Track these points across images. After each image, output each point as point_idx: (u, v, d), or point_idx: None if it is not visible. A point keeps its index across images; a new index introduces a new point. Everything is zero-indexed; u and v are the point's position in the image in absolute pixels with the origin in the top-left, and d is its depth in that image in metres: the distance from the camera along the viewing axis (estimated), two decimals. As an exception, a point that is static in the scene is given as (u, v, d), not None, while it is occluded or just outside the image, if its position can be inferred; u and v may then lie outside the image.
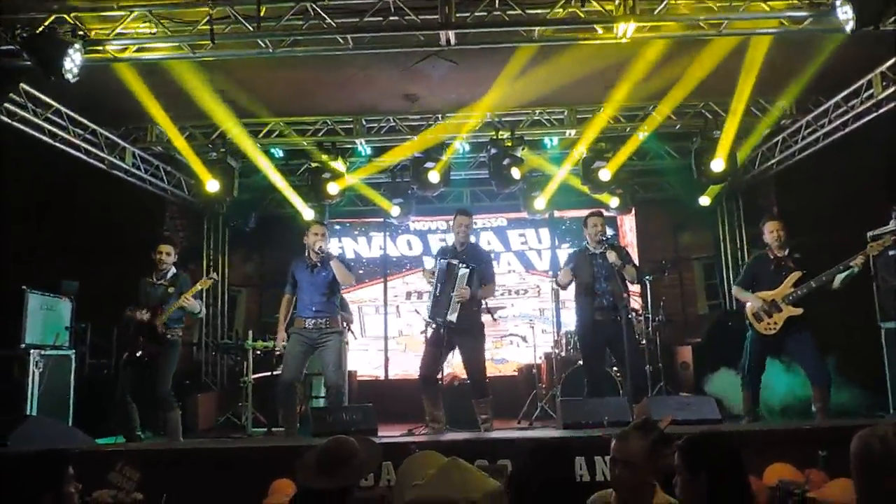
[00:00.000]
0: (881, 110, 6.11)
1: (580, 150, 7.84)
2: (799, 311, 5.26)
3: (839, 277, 5.16)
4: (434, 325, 5.52)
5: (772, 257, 5.50)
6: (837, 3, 4.65)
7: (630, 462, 2.54)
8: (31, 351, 5.84)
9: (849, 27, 4.62)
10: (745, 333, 5.58)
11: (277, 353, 5.75)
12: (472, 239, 5.95)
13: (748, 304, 5.46)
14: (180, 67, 5.94)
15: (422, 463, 2.03)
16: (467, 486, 1.69)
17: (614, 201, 8.49)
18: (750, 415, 5.39)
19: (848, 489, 3.36)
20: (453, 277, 5.43)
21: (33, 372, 5.81)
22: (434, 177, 7.65)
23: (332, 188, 7.82)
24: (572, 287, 5.90)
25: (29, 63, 5.00)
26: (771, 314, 5.33)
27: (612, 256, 5.54)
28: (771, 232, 5.50)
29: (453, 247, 5.72)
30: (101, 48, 5.20)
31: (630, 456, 2.54)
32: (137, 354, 5.61)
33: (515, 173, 7.64)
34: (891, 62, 5.84)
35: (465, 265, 5.45)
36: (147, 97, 6.36)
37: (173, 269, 5.88)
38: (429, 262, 5.73)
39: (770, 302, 5.33)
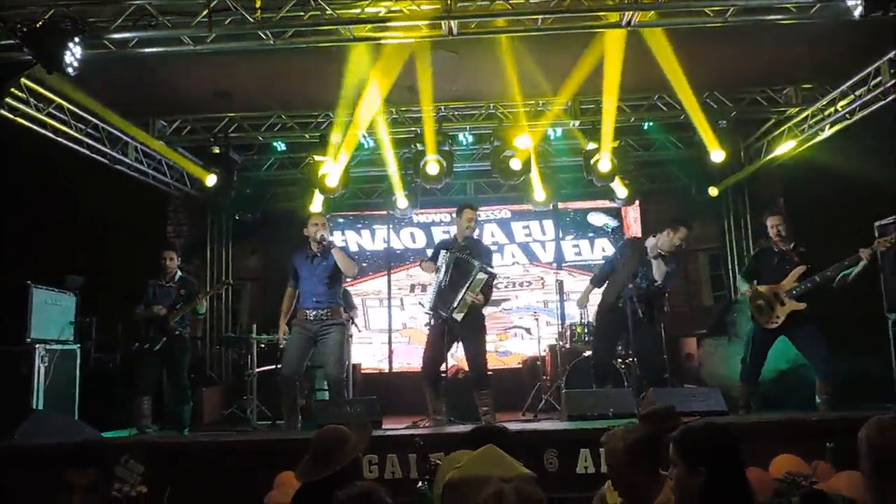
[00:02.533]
0: (889, 98, 6.03)
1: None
2: (802, 305, 5.22)
3: (846, 273, 5.11)
4: (436, 317, 5.49)
5: (776, 251, 5.47)
6: (846, -12, 4.60)
7: (609, 465, 2.65)
8: (37, 346, 5.85)
9: (857, 13, 4.56)
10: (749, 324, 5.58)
11: (281, 346, 5.77)
12: (476, 232, 5.94)
13: (750, 298, 5.44)
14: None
15: (460, 455, 2.12)
16: (502, 466, 1.73)
17: (622, 191, 8.37)
18: (746, 407, 5.37)
19: (855, 481, 3.35)
20: (468, 276, 5.38)
21: (39, 366, 5.83)
22: (433, 168, 7.58)
23: (332, 181, 7.75)
24: (575, 280, 5.93)
25: (30, 58, 4.99)
26: (773, 308, 5.28)
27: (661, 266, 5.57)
28: (772, 227, 5.48)
29: (455, 239, 5.71)
30: (100, 41, 5.17)
31: (608, 458, 2.64)
32: (146, 346, 5.86)
33: (515, 164, 7.59)
34: (899, 49, 5.77)
35: (484, 269, 5.43)
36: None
37: (179, 273, 6.20)
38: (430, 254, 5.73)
39: (773, 295, 5.29)
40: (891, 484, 2.05)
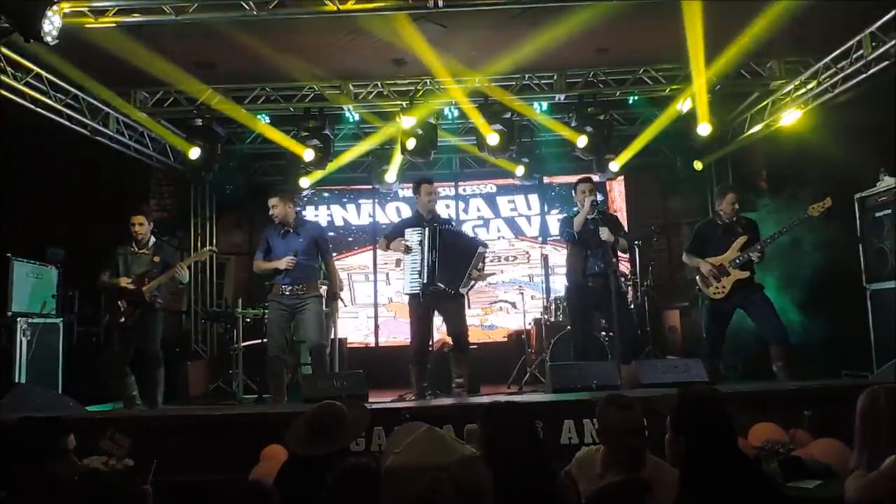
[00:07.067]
0: (871, 71, 6.06)
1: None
2: (746, 273, 5.41)
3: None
4: (420, 294, 5.45)
5: (720, 222, 5.63)
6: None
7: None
8: (18, 319, 5.81)
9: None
10: None
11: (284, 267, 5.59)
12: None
13: (696, 270, 5.58)
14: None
15: (407, 432, 2.05)
16: (439, 453, 1.70)
17: (614, 165, 8.31)
18: (717, 380, 5.43)
19: (831, 448, 3.43)
20: (469, 253, 5.45)
21: (21, 340, 5.79)
22: (411, 143, 7.50)
23: (308, 154, 7.69)
24: (561, 254, 5.96)
25: (7, 25, 4.88)
26: (719, 278, 5.45)
27: (604, 234, 5.60)
28: (732, 203, 5.59)
29: (420, 215, 5.67)
30: (80, 10, 5.06)
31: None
32: (121, 320, 5.60)
33: (493, 139, 7.54)
34: (881, 22, 5.78)
35: (484, 244, 5.54)
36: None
37: (152, 238, 5.85)
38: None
39: (718, 266, 5.44)
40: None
